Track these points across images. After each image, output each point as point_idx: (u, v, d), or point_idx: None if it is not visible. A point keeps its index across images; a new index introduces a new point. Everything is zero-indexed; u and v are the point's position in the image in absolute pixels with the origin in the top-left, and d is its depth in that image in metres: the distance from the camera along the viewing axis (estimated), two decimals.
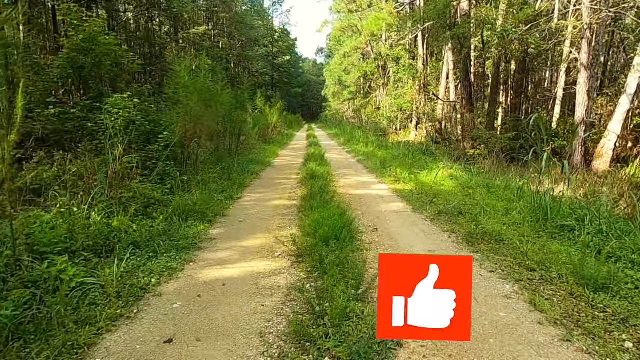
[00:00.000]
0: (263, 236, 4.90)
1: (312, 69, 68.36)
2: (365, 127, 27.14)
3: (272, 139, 18.65)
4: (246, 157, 11.48)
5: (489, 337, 2.68)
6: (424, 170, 9.43)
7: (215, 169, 8.65)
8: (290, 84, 45.61)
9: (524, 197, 6.22)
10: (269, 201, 6.86)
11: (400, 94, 25.41)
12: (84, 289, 3.09)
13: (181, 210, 5.32)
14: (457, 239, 4.79)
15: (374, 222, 5.50)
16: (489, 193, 7.12)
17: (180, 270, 3.80)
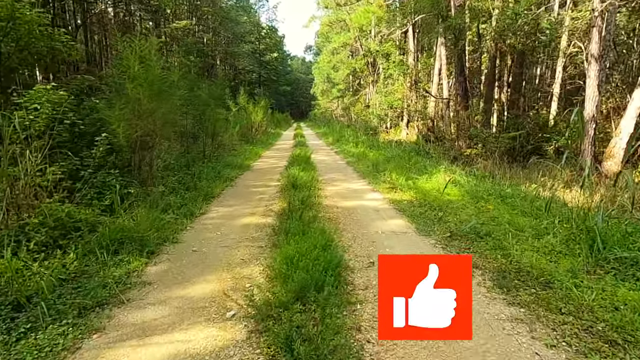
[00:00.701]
0: (217, 278, 3.49)
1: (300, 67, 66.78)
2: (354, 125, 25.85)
3: (256, 138, 17.18)
4: (222, 160, 10.04)
5: None
6: (423, 175, 8.10)
7: (182, 176, 7.20)
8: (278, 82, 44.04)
9: (553, 211, 4.92)
10: (238, 218, 5.45)
11: (390, 90, 24.19)
12: None
13: (112, 239, 3.89)
14: (483, 279, 3.45)
15: (369, 251, 4.13)
16: (505, 204, 5.82)
17: (72, 353, 2.39)
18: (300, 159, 10.03)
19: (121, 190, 5.03)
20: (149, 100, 5.50)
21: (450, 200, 6.11)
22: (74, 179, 4.85)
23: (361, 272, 3.60)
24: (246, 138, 15.71)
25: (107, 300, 3.00)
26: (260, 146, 15.50)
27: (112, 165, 5.39)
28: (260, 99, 19.16)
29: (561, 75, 17.90)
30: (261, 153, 13.79)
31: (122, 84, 5.36)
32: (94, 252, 3.64)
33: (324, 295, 2.72)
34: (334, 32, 32.73)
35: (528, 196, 6.29)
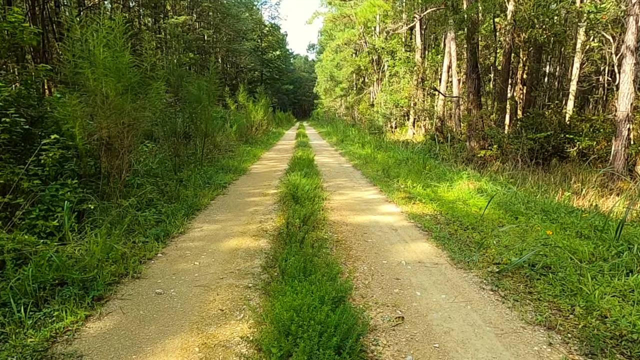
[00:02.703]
0: (181, 347, 2.38)
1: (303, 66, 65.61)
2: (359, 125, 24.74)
3: (256, 138, 16.07)
4: (217, 164, 8.94)
5: None
6: (442, 182, 6.98)
7: (167, 183, 6.11)
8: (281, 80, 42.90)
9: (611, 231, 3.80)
10: (224, 239, 4.34)
11: (396, 89, 23.07)
12: None
13: (41, 280, 2.79)
14: (564, 345, 2.33)
15: (394, 295, 3.02)
16: (549, 220, 4.70)
17: None
18: (302, 162, 8.92)
19: (77, 206, 3.94)
20: (117, 93, 4.39)
21: (481, 214, 4.99)
22: (14, 192, 3.76)
23: (386, 333, 2.49)
24: (245, 138, 14.61)
25: None
26: (260, 147, 14.39)
27: (72, 174, 4.31)
28: (261, 97, 18.04)
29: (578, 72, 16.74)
30: (260, 154, 12.68)
31: (81, 73, 4.25)
32: (8, 304, 2.54)
33: None
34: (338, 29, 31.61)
35: (574, 210, 5.17)
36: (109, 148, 4.67)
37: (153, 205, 5.10)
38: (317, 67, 42.81)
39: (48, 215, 3.81)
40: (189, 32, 25.28)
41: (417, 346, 2.36)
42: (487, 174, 8.40)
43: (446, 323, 2.63)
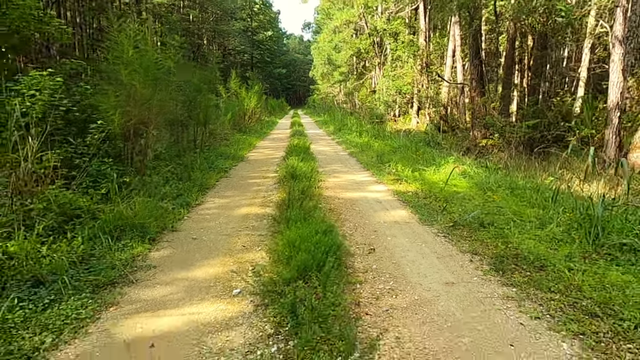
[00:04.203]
0: (221, 262, 4.06)
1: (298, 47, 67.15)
2: (358, 113, 26.35)
3: (250, 127, 17.73)
4: (215, 151, 10.60)
5: None
6: (431, 166, 8.66)
7: (176, 166, 7.76)
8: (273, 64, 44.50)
9: (561, 202, 5.48)
10: (236, 208, 6.02)
11: (399, 74, 24.65)
12: None
13: (113, 225, 4.46)
14: (481, 263, 4.02)
15: (370, 239, 4.70)
16: (513, 195, 6.38)
17: (94, 321, 2.96)
18: (298, 149, 10.58)
19: (117, 179, 5.60)
20: (144, 86, 6.05)
21: (457, 191, 6.67)
22: (69, 167, 5.40)
23: (361, 257, 4.17)
24: (239, 127, 16.26)
25: (117, 280, 3.57)
26: (255, 135, 16.05)
27: (105, 154, 5.96)
28: (253, 84, 19.67)
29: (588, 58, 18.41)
30: (255, 143, 14.35)
31: (116, 70, 5.90)
32: (99, 237, 4.20)
33: (325, 273, 3.29)
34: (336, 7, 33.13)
35: (540, 188, 6.85)
36: (135, 133, 6.32)
37: (169, 183, 6.76)
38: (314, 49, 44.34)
39: (95, 185, 5.45)
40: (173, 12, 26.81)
41: (381, 262, 4.04)
42: (477, 160, 10.08)
43: (404, 252, 4.31)
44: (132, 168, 6.27)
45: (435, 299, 3.31)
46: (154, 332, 2.84)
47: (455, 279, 3.69)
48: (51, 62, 6.62)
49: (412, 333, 2.83)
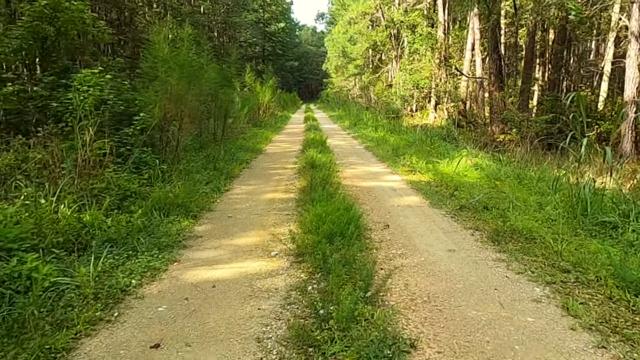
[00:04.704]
0: (256, 233, 5.08)
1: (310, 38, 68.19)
2: (374, 107, 27.22)
3: (264, 121, 18.80)
4: (234, 143, 11.65)
5: (515, 343, 2.87)
6: (444, 159, 9.59)
7: (199, 157, 8.82)
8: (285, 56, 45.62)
9: (560, 190, 6.39)
10: (261, 194, 7.04)
11: (416, 68, 25.44)
12: (58, 289, 3.27)
13: (162, 204, 5.50)
14: (481, 237, 4.97)
15: (385, 218, 5.68)
16: (520, 185, 7.29)
17: (164, 271, 3.99)
18: (315, 142, 11.59)
19: (156, 167, 6.65)
20: (179, 83, 7.10)
21: (467, 181, 7.61)
22: (115, 155, 6.47)
23: (377, 232, 5.15)
24: (253, 121, 17.32)
25: (173, 245, 4.60)
26: (270, 130, 17.13)
27: (142, 144, 7.02)
28: (268, 78, 20.74)
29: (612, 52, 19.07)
30: (271, 137, 15.41)
31: (155, 68, 6.96)
32: (151, 213, 5.24)
33: (347, 237, 4.28)
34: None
35: (546, 178, 7.76)
36: (169, 124, 7.38)
37: (198, 171, 7.81)
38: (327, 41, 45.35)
39: (138, 171, 6.51)
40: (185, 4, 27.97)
41: (394, 235, 5.02)
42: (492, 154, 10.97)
43: (415, 228, 5.28)
44: (167, 157, 7.33)
45: (438, 261, 4.28)
46: (213, 278, 3.86)
47: (457, 247, 4.66)
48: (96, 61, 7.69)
49: (417, 281, 3.80)
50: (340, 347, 2.60)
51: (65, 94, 6.23)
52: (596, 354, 2.75)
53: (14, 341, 2.69)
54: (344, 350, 2.57)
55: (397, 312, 3.19)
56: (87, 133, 5.64)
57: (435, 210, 6.11)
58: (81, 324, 2.96)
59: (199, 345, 2.83)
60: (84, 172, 5.52)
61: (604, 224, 5.00)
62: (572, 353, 2.76)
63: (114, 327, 3.04)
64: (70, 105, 5.94)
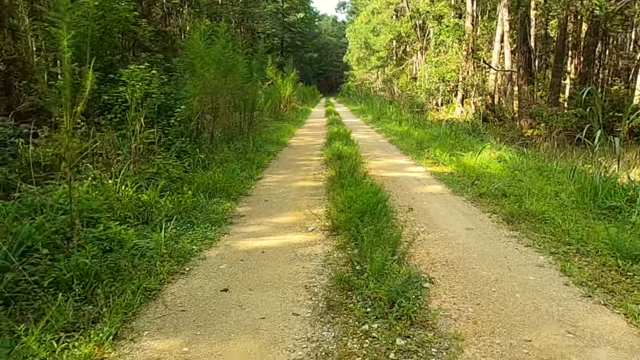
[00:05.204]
0: (292, 214, 6.04)
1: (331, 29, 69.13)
2: (398, 101, 27.99)
3: (285, 115, 19.80)
4: (259, 136, 12.64)
5: (515, 292, 3.76)
6: (468, 152, 10.41)
7: (230, 148, 9.82)
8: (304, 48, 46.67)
9: (577, 180, 7.20)
10: (292, 182, 8.00)
11: (442, 60, 26.11)
12: (138, 249, 4.27)
13: (205, 187, 6.50)
14: (497, 218, 5.85)
15: (409, 203, 6.58)
16: (542, 176, 8.10)
17: (218, 240, 4.98)
18: (339, 135, 12.52)
19: (195, 155, 7.66)
20: (214, 77, 8.10)
21: (489, 172, 8.45)
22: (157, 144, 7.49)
23: (402, 214, 6.06)
24: (275, 115, 18.34)
25: (221, 221, 5.58)
26: (292, 123, 18.14)
27: (180, 134, 8.04)
28: (289, 71, 21.75)
29: None
30: (294, 131, 16.40)
31: (193, 63, 7.97)
32: (198, 195, 6.24)
33: (376, 214, 5.20)
34: None
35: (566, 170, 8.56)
36: (204, 117, 8.39)
37: (231, 161, 8.80)
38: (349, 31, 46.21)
39: (179, 160, 7.52)
40: None
41: (417, 217, 5.92)
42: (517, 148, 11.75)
43: (436, 211, 6.18)
44: (203, 147, 8.34)
45: (456, 237, 5.18)
46: (261, 246, 4.83)
47: (474, 226, 5.55)
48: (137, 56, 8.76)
49: (437, 251, 4.71)
50: (373, 288, 3.52)
51: (114, 88, 7.27)
52: (582, 301, 3.62)
53: (116, 283, 3.68)
54: (377, 290, 3.49)
55: (419, 271, 4.11)
56: (137, 123, 6.66)
57: (457, 197, 6.99)
58: (163, 274, 3.94)
59: (259, 290, 3.79)
60: (135, 159, 6.55)
61: (612, 209, 5.82)
62: (563, 300, 3.64)
63: (188, 278, 4.02)
64: (119, 98, 6.99)
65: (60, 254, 3.92)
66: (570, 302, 3.61)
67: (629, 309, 3.41)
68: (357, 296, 3.56)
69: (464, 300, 3.63)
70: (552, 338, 3.07)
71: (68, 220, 4.42)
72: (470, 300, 3.62)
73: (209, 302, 3.58)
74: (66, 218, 4.43)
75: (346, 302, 3.50)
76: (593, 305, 3.55)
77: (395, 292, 3.34)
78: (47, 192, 5.13)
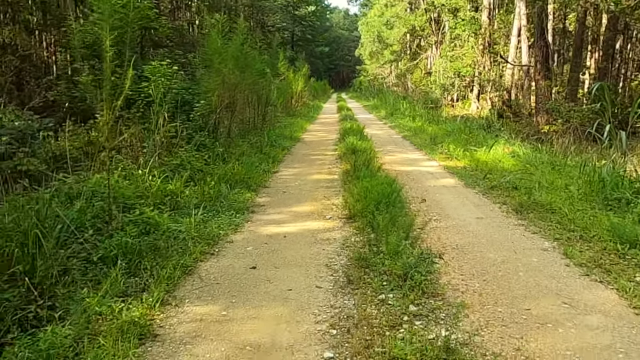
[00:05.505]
0: (310, 204, 6.60)
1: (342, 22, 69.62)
2: (412, 97, 28.42)
3: (297, 111, 20.37)
4: (273, 132, 13.22)
5: (519, 271, 4.28)
6: (482, 147, 10.90)
7: (245, 143, 10.40)
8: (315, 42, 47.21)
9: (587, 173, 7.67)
10: (307, 175, 8.56)
11: (458, 55, 26.47)
12: (172, 232, 4.84)
13: (226, 179, 7.07)
14: (507, 209, 6.35)
15: (422, 195, 7.11)
16: (554, 171, 8.57)
17: (242, 226, 5.55)
18: (353, 131, 13.06)
19: (214, 149, 8.24)
20: (232, 73, 8.67)
21: (502, 167, 8.94)
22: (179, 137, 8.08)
23: (415, 204, 6.59)
24: (287, 110, 18.91)
25: (244, 210, 6.15)
26: (304, 119, 18.72)
27: (199, 129, 8.62)
28: (301, 66, 22.31)
29: None
30: (306, 126, 16.98)
31: (211, 59, 8.55)
32: (220, 185, 6.81)
33: (391, 202, 5.74)
34: None
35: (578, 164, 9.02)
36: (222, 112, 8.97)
37: (247, 155, 9.38)
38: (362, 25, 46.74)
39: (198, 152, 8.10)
40: None
41: (430, 207, 6.45)
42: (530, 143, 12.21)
43: (448, 202, 6.70)
44: (221, 141, 8.93)
45: (467, 225, 5.70)
46: (282, 232, 5.39)
47: (484, 216, 6.06)
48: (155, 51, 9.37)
49: (447, 237, 5.24)
50: (389, 265, 4.07)
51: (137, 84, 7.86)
52: (580, 279, 4.14)
53: (156, 259, 4.25)
54: (392, 266, 4.03)
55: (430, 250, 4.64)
56: (161, 117, 7.25)
57: (469, 189, 7.50)
58: (196, 253, 4.51)
59: (284, 268, 4.35)
60: (159, 151, 7.13)
61: (619, 200, 6.30)
62: (562, 278, 4.15)
63: (218, 257, 4.60)
64: (142, 93, 7.58)
65: (101, 235, 4.52)
66: (569, 279, 4.12)
67: (621, 284, 3.92)
68: (374, 272, 4.10)
69: (471, 277, 4.15)
70: (549, 307, 3.59)
71: (104, 206, 5.02)
72: (477, 277, 4.15)
73: (239, 277, 4.15)
74: (103, 204, 5.02)
75: (364, 277, 4.05)
76: (590, 282, 4.06)
77: (409, 267, 3.88)
78: (81, 181, 5.75)
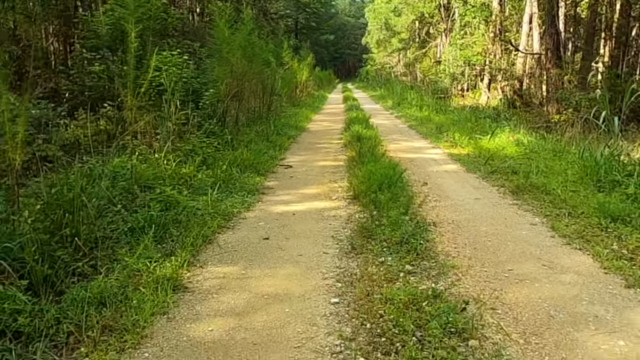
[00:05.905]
0: (316, 187, 7.33)
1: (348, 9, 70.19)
2: (420, 86, 29.01)
3: (302, 101, 21.10)
4: (278, 121, 13.96)
5: (508, 241, 5.00)
6: (486, 135, 11.59)
7: (251, 131, 11.14)
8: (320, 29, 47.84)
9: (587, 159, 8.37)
10: (314, 162, 9.29)
11: (467, 43, 27.01)
12: (190, 208, 5.58)
13: (237, 164, 7.81)
14: (504, 191, 7.07)
15: (424, 179, 7.83)
16: (556, 157, 9.26)
17: (254, 205, 6.30)
18: (358, 120, 13.78)
19: (223, 136, 8.98)
20: (240, 62, 9.40)
21: (504, 153, 9.64)
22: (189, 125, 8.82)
23: (417, 187, 7.32)
24: (291, 100, 19.64)
25: (254, 191, 6.89)
26: (308, 109, 19.47)
27: (208, 117, 9.36)
28: (305, 55, 23.02)
29: None
30: (311, 116, 17.73)
31: (220, 49, 9.28)
32: (230, 170, 7.55)
33: (393, 184, 6.46)
34: None
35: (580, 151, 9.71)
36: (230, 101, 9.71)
37: (254, 142, 10.11)
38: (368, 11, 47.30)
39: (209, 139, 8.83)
40: None
41: (431, 190, 7.18)
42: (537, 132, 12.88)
43: (449, 185, 7.42)
44: (229, 129, 9.67)
45: (464, 204, 6.42)
46: (291, 210, 6.13)
47: (482, 197, 6.79)
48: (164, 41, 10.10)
49: (445, 214, 5.96)
50: (389, 234, 4.80)
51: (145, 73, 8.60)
52: (562, 247, 4.85)
53: (179, 231, 4.99)
54: (392, 235, 4.76)
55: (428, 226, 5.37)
56: (173, 105, 7.99)
57: (470, 174, 8.22)
58: (214, 227, 5.25)
59: (294, 239, 5.09)
60: (171, 138, 7.87)
61: (612, 182, 6.99)
62: (546, 247, 4.87)
63: (234, 230, 5.34)
64: (153, 82, 8.31)
65: (127, 211, 5.26)
66: (552, 248, 4.84)
67: (597, 251, 4.64)
68: (375, 240, 4.83)
69: (463, 246, 4.88)
70: (530, 268, 4.32)
71: (126, 186, 5.77)
72: (468, 246, 4.88)
73: (254, 246, 4.89)
74: (125, 184, 5.77)
75: (366, 245, 4.79)
76: (570, 250, 4.78)
77: (406, 233, 4.61)
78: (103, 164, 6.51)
